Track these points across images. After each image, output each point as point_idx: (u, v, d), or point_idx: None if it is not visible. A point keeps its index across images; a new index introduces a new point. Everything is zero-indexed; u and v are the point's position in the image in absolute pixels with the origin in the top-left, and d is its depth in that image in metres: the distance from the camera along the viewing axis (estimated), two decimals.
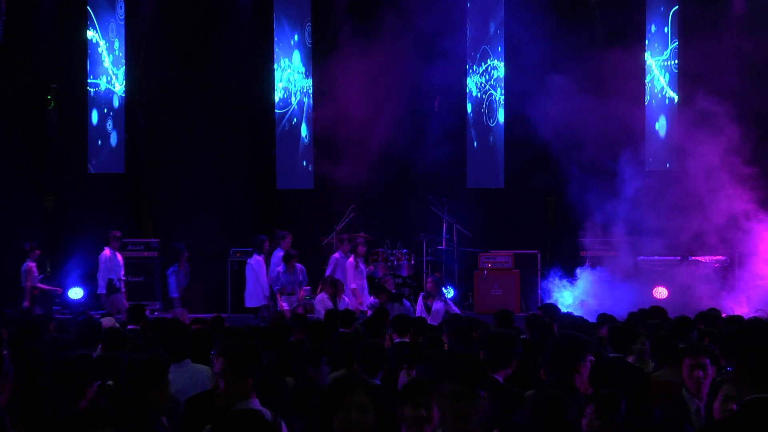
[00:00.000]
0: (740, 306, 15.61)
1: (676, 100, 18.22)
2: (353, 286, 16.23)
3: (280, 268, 15.96)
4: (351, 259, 16.45)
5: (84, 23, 18.35)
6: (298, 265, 16.09)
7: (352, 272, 16.31)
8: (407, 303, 15.29)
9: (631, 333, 8.24)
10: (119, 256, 16.62)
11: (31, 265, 16.30)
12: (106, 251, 16.37)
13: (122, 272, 16.58)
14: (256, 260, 16.38)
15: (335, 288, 15.17)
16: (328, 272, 16.41)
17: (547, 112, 17.62)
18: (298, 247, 16.88)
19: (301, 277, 16.05)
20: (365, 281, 16.59)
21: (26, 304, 16.10)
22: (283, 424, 5.07)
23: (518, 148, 18.11)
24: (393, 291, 15.71)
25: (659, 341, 7.91)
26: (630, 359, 8.08)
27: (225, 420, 4.01)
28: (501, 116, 18.57)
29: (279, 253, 16.40)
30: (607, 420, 5.38)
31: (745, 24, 18.03)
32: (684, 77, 18.04)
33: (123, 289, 16.52)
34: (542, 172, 17.52)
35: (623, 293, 16.02)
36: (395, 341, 9.18)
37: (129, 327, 10.56)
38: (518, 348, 6.32)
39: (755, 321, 6.44)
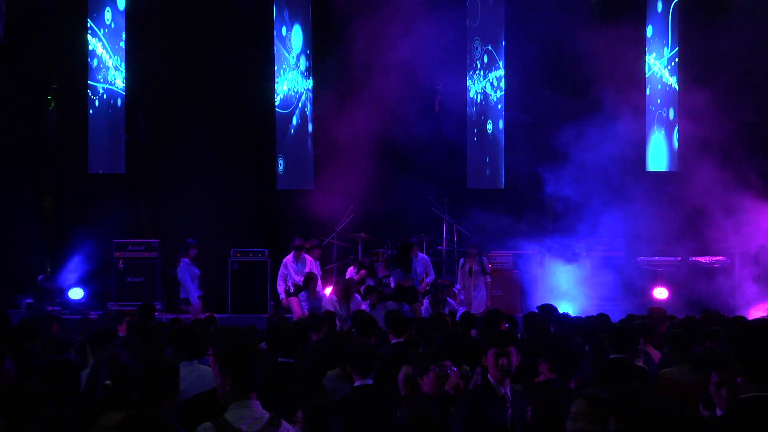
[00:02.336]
0: (740, 307, 15.61)
1: (676, 98, 18.22)
2: (458, 286, 16.16)
3: (303, 295, 15.95)
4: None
5: (84, 23, 18.34)
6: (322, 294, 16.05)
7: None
8: (426, 302, 15.34)
9: (631, 335, 8.24)
10: (308, 261, 16.37)
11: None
12: (288, 257, 16.29)
13: (299, 278, 16.14)
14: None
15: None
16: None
17: (547, 113, 17.64)
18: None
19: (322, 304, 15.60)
20: (480, 282, 16.21)
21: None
22: (284, 423, 5.04)
23: (518, 149, 18.10)
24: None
25: (674, 340, 7.92)
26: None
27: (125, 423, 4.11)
28: (501, 116, 18.57)
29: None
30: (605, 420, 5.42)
31: (747, 16, 17.99)
32: (684, 75, 18.04)
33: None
34: (542, 173, 17.52)
35: (623, 293, 16.03)
36: (392, 342, 9.00)
37: None
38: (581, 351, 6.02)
39: (756, 321, 6.45)
